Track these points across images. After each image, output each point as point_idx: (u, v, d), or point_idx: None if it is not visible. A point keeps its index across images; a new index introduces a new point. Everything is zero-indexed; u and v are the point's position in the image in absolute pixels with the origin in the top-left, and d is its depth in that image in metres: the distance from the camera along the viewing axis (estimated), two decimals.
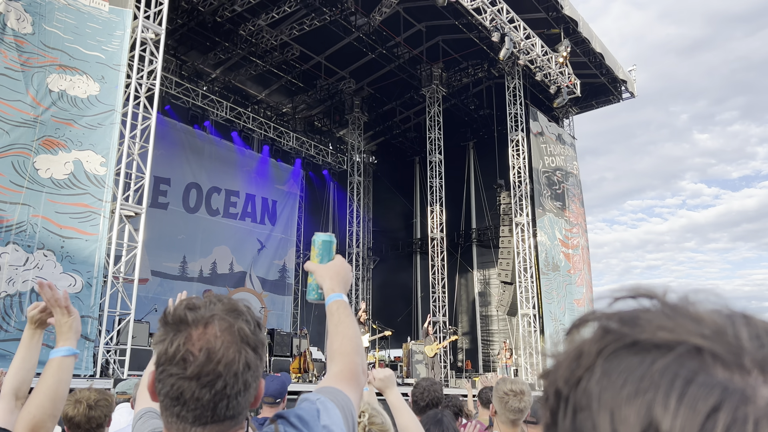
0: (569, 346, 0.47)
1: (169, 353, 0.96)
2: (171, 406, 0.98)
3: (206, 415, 0.97)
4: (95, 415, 2.68)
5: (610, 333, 0.43)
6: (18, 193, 7.72)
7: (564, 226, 18.86)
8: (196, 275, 18.16)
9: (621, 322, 0.43)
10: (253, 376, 1.01)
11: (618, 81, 19.95)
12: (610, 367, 0.41)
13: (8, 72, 7.83)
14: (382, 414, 2.18)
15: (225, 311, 1.00)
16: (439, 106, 19.46)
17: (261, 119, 20.53)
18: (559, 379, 0.45)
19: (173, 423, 0.99)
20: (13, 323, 7.46)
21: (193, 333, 0.97)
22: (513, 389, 2.84)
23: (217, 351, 0.96)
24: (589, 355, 0.43)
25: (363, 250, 22.84)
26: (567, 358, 0.45)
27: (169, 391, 0.96)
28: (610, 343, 0.43)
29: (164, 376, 0.97)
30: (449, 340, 16.39)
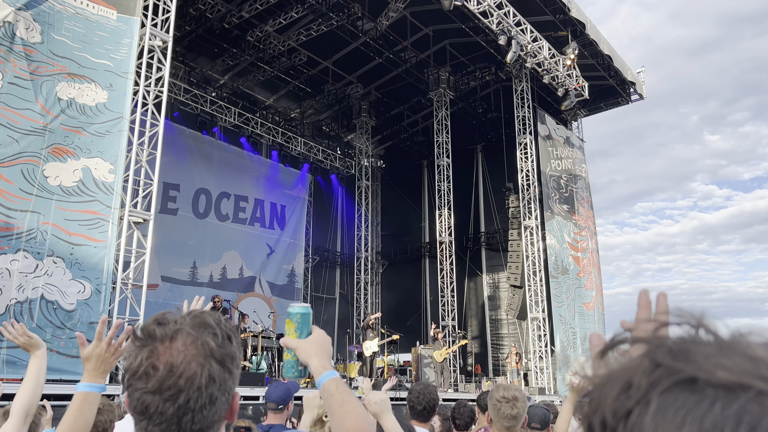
0: (610, 371, 0.46)
1: (133, 368, 0.98)
2: (139, 421, 0.99)
3: (172, 429, 0.97)
4: (101, 419, 2.70)
5: (662, 366, 0.42)
6: (27, 200, 7.79)
7: (572, 230, 18.77)
8: (206, 280, 18.22)
9: (673, 356, 0.42)
10: (221, 389, 1.00)
11: (626, 83, 19.85)
12: (665, 403, 0.40)
13: (17, 81, 7.91)
14: None
15: (192, 325, 1.00)
16: (447, 109, 19.45)
17: (269, 124, 20.61)
18: (606, 409, 0.44)
19: None
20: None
21: (158, 347, 0.98)
22: (505, 396, 2.80)
23: (179, 365, 0.96)
24: (639, 387, 0.42)
25: (371, 255, 22.85)
26: (613, 387, 0.44)
27: (136, 405, 0.98)
28: (663, 378, 0.41)
29: (131, 390, 0.98)
30: (458, 344, 16.33)
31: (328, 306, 22.70)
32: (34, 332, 7.42)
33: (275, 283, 19.87)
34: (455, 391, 15.24)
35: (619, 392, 0.44)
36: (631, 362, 0.45)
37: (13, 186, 7.71)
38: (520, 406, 2.80)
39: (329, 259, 23.21)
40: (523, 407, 2.82)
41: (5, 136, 7.70)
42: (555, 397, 14.68)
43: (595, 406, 0.45)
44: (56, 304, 7.77)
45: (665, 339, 0.46)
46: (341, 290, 23.41)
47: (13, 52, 7.90)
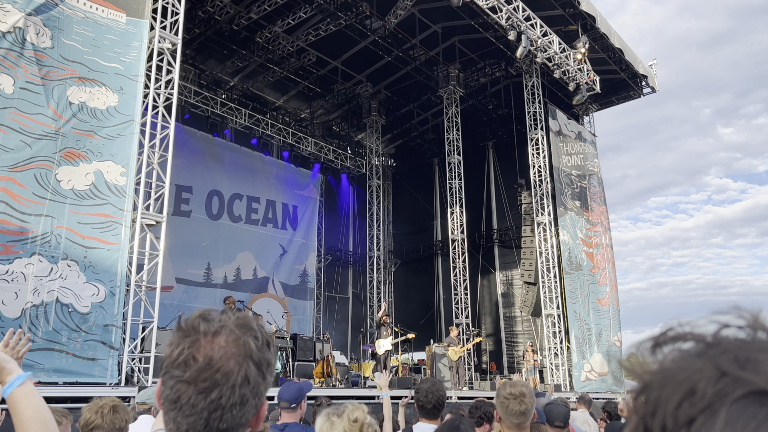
0: (669, 373, 0.43)
1: (173, 356, 0.99)
2: (169, 410, 0.99)
3: (199, 424, 0.97)
4: (117, 417, 2.71)
5: (729, 375, 0.40)
6: (41, 204, 7.84)
7: (585, 225, 18.61)
8: (221, 281, 18.30)
9: (740, 365, 0.40)
10: (253, 392, 1.00)
11: (638, 76, 19.66)
12: (734, 415, 0.38)
13: (29, 86, 7.97)
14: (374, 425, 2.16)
15: (236, 325, 1.01)
16: (457, 106, 19.37)
17: (280, 125, 20.65)
18: (668, 413, 0.42)
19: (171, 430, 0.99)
20: (40, 333, 7.57)
21: (201, 340, 0.99)
22: (513, 392, 2.76)
23: (218, 359, 0.97)
24: (704, 395, 0.40)
25: (384, 253, 22.82)
26: (675, 392, 0.42)
27: (169, 393, 0.98)
28: (731, 388, 0.39)
29: (167, 378, 0.99)
30: (473, 342, 16.25)
31: (341, 305, 22.72)
32: (50, 335, 7.39)
33: (288, 284, 19.92)
34: (470, 389, 15.17)
35: (682, 398, 0.41)
36: (693, 366, 0.42)
37: (26, 191, 7.76)
38: (528, 401, 2.76)
39: (341, 258, 23.22)
40: (531, 403, 2.78)
41: (18, 141, 7.76)
42: (571, 394, 14.56)
43: (652, 408, 0.43)
44: (71, 307, 7.81)
45: (728, 343, 0.43)
46: (354, 290, 23.41)
47: (24, 57, 7.95)
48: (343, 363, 14.63)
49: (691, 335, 0.46)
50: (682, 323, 0.48)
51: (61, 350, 7.69)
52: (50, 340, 7.59)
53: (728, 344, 0.43)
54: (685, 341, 0.46)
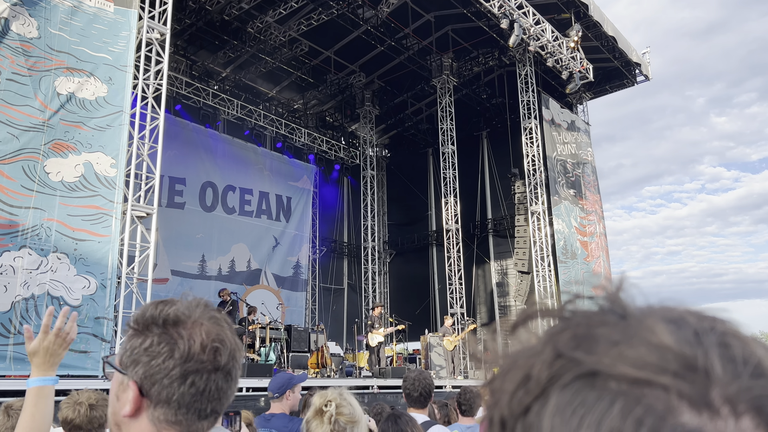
0: (514, 358, 0.39)
1: (194, 351, 0.96)
2: (191, 403, 0.96)
3: (221, 405, 0.99)
4: (96, 415, 2.67)
5: (562, 357, 0.37)
6: (29, 197, 7.78)
7: (579, 214, 18.63)
8: (215, 273, 18.26)
9: (576, 343, 0.37)
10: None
11: (632, 64, 19.61)
12: (563, 401, 0.35)
13: (15, 77, 7.87)
14: (351, 404, 2.14)
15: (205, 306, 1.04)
16: (451, 96, 19.30)
17: (272, 116, 20.54)
18: (503, 404, 0.38)
19: (181, 422, 0.97)
20: (31, 327, 7.53)
21: (202, 329, 0.99)
22: None
23: (231, 341, 1.00)
24: (538, 381, 0.37)
25: (378, 244, 22.80)
26: (512, 379, 0.38)
27: (189, 388, 0.96)
28: (563, 371, 0.36)
29: (188, 372, 0.96)
30: (467, 330, 16.29)
31: (336, 297, 22.72)
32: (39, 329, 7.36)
33: (280, 275, 19.86)
34: (465, 378, 15.22)
35: (518, 385, 0.38)
36: (534, 349, 0.39)
37: (14, 183, 7.69)
38: None
39: (336, 249, 23.20)
40: None
41: (5, 133, 7.68)
42: None
43: (494, 399, 0.39)
44: (62, 300, 7.77)
45: (574, 318, 0.39)
46: (349, 281, 23.41)
47: (9, 47, 7.85)
48: (338, 353, 14.65)
49: (546, 312, 0.42)
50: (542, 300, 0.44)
51: None
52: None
53: (569, 321, 0.39)
54: (543, 318, 0.42)
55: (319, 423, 2.12)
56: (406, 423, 2.59)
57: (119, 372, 1.01)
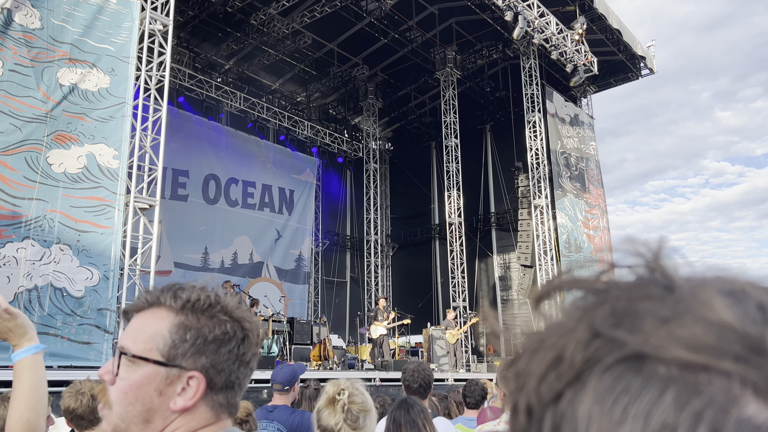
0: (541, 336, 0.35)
1: (260, 336, 1.02)
2: (244, 387, 1.00)
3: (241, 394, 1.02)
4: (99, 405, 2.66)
5: (600, 336, 0.32)
6: (32, 188, 7.78)
7: (584, 207, 18.58)
8: (218, 266, 18.29)
9: (616, 320, 0.32)
10: None
11: (636, 57, 19.50)
12: (604, 387, 0.31)
13: (18, 68, 7.86)
14: (363, 393, 2.14)
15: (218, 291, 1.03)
16: (454, 89, 19.23)
17: (275, 109, 20.51)
18: (530, 389, 0.34)
19: (233, 404, 0.99)
20: (35, 318, 7.54)
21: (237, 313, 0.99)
22: None
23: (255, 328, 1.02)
24: (572, 364, 0.32)
25: (381, 237, 22.80)
26: (541, 361, 0.34)
27: (246, 371, 0.99)
28: (603, 353, 0.31)
29: (254, 355, 1.00)
30: (470, 323, 16.30)
31: (339, 290, 22.75)
32: (44, 320, 7.34)
33: (282, 268, 19.87)
34: (467, 371, 15.24)
35: (548, 368, 0.33)
36: (566, 326, 0.34)
37: (17, 174, 7.69)
38: None
39: (339, 243, 23.21)
40: None
41: (7, 125, 7.67)
42: None
43: (519, 383, 0.35)
44: (65, 291, 7.78)
45: (611, 290, 0.34)
46: (352, 274, 23.43)
47: (12, 38, 7.83)
48: (340, 346, 14.68)
49: (578, 282, 0.36)
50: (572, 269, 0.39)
51: (56, 334, 7.68)
52: (45, 325, 7.57)
53: (606, 294, 0.34)
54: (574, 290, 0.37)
55: (332, 411, 2.12)
56: (418, 414, 2.58)
57: (167, 366, 0.93)
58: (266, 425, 3.58)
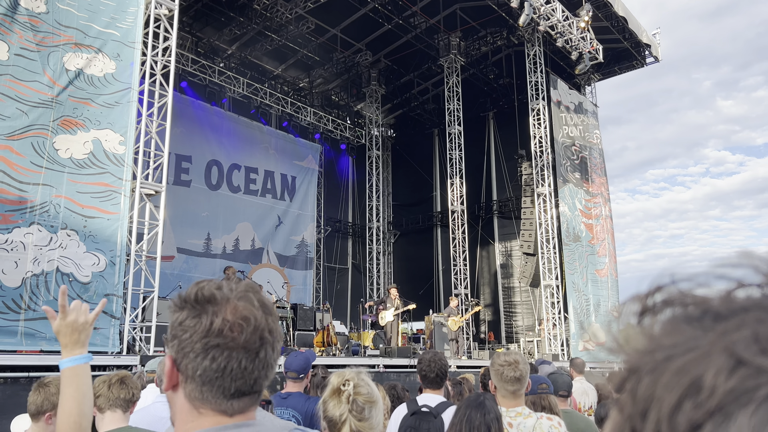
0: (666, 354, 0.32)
1: (206, 326, 0.98)
2: (213, 380, 0.97)
3: (248, 385, 0.99)
4: (124, 390, 2.70)
5: (746, 365, 0.29)
6: (38, 173, 7.76)
7: (584, 197, 18.57)
8: (220, 252, 18.31)
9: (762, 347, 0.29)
10: (279, 348, 1.05)
11: (641, 45, 19.39)
12: (758, 423, 0.27)
13: (24, 52, 7.81)
14: (369, 384, 2.14)
15: (246, 288, 1.03)
16: (458, 76, 19.14)
17: (278, 95, 20.42)
18: (662, 416, 0.31)
19: (208, 400, 0.98)
20: (41, 302, 7.57)
21: (229, 306, 0.99)
22: (507, 360, 2.83)
23: (259, 320, 1.00)
24: (713, 393, 0.29)
25: (383, 225, 22.81)
26: (672, 385, 0.31)
27: (211, 364, 0.97)
28: (752, 385, 0.28)
29: (205, 348, 0.97)
30: (472, 311, 16.36)
31: (340, 276, 22.80)
32: (50, 305, 7.47)
33: (283, 254, 19.88)
34: (469, 359, 15.32)
35: (683, 396, 0.30)
36: (696, 347, 0.31)
37: (24, 159, 7.67)
38: (522, 368, 2.81)
39: (341, 229, 23.22)
40: (525, 370, 2.82)
41: (14, 109, 7.64)
42: (566, 364, 14.70)
43: (642, 407, 0.32)
44: (72, 277, 7.79)
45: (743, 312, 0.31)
46: (353, 260, 23.48)
47: (17, 22, 7.77)
48: (342, 332, 14.73)
49: (691, 299, 0.34)
50: (679, 278, 0.35)
51: None
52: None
53: (744, 315, 0.31)
54: (683, 306, 0.34)
55: (337, 402, 2.12)
56: (493, 420, 2.48)
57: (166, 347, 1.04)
58: (281, 412, 3.60)
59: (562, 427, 2.83)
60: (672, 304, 0.35)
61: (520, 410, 2.80)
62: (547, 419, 2.81)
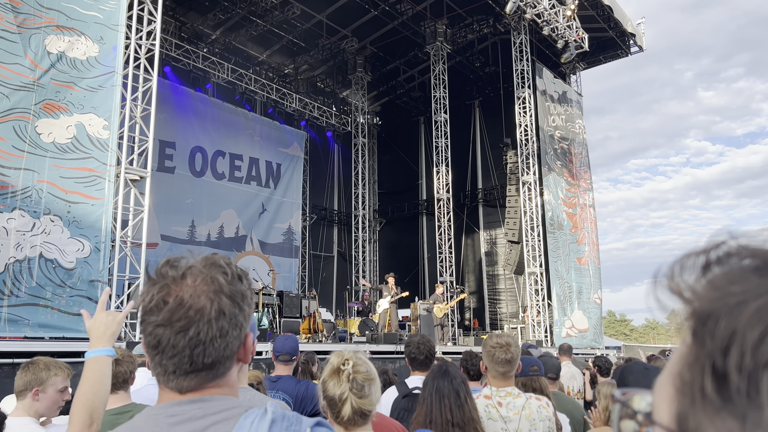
0: (741, 299, 0.36)
1: (146, 303, 1.02)
2: (153, 356, 1.03)
3: (185, 362, 1.01)
4: (121, 370, 2.72)
5: None
6: (20, 158, 7.64)
7: (566, 186, 18.71)
8: (204, 239, 18.20)
9: None
10: (231, 323, 1.03)
11: (626, 35, 19.49)
12: None
13: (4, 34, 7.65)
14: (367, 363, 2.18)
15: (204, 265, 1.05)
16: (444, 63, 19.10)
17: (263, 81, 20.24)
18: (746, 349, 0.35)
19: (160, 375, 1.04)
20: (23, 288, 7.48)
21: (170, 285, 1.02)
22: (499, 342, 2.86)
23: (188, 298, 1.01)
24: None
25: (369, 212, 22.81)
26: (755, 322, 0.35)
27: (149, 340, 1.02)
28: None
29: (144, 326, 1.03)
30: (457, 298, 16.47)
31: (326, 264, 22.79)
32: (34, 290, 7.36)
33: (266, 242, 19.81)
34: (454, 344, 15.44)
35: (764, 331, 0.34)
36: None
37: (5, 143, 7.54)
38: (514, 351, 2.85)
39: (327, 217, 23.18)
40: (516, 352, 2.86)
41: None
42: (552, 350, 14.87)
43: (724, 343, 0.35)
44: (55, 263, 7.71)
45: None
46: (339, 248, 23.47)
47: None
48: (329, 320, 14.76)
49: (753, 251, 0.38)
50: (737, 234, 0.40)
51: (46, 305, 7.62)
52: (34, 296, 7.51)
53: None
54: (748, 257, 0.38)
55: (337, 382, 2.15)
56: (460, 384, 2.60)
57: None
58: (272, 395, 3.60)
59: (550, 407, 2.88)
60: (735, 256, 0.39)
61: (509, 390, 2.84)
62: (536, 399, 2.86)
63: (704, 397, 0.36)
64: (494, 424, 2.75)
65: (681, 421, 0.37)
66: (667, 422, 0.38)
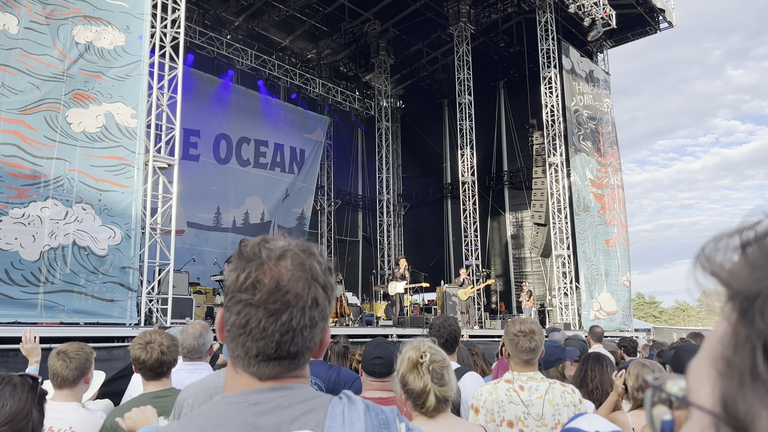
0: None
1: (240, 280, 0.98)
2: (237, 336, 0.98)
3: (270, 347, 0.97)
4: (166, 360, 2.74)
5: None
6: (52, 147, 7.77)
7: (595, 166, 18.42)
8: (230, 225, 18.40)
9: None
10: (321, 315, 1.00)
11: (655, 10, 19.00)
12: None
13: (33, 26, 7.75)
14: (439, 351, 2.24)
15: (300, 249, 1.01)
16: (468, 44, 18.86)
17: (286, 66, 20.24)
18: None
19: (239, 358, 0.99)
20: (58, 275, 7.65)
21: (265, 264, 0.98)
22: (522, 329, 2.79)
23: (286, 282, 0.97)
24: None
25: (393, 197, 22.78)
26: None
27: (236, 319, 0.98)
28: None
29: (233, 303, 0.98)
30: (484, 284, 16.41)
31: (351, 248, 22.89)
32: (68, 277, 7.59)
33: (284, 226, 19.93)
34: (480, 328, 15.43)
35: None
36: None
37: (37, 133, 7.68)
38: (538, 338, 2.80)
39: (351, 202, 23.23)
40: (540, 340, 2.81)
41: (26, 83, 7.62)
42: (580, 332, 14.77)
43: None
44: (88, 250, 7.86)
45: None
46: (364, 233, 23.53)
47: None
48: (355, 303, 14.84)
49: None
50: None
51: (80, 292, 7.79)
52: (69, 282, 7.68)
53: None
54: None
55: (417, 375, 2.21)
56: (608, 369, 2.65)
57: None
58: None
59: (576, 394, 2.83)
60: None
61: (532, 374, 2.81)
62: (560, 385, 2.82)
63: (756, 378, 0.35)
64: (515, 407, 2.72)
65: (728, 404, 0.36)
66: (709, 406, 0.37)
